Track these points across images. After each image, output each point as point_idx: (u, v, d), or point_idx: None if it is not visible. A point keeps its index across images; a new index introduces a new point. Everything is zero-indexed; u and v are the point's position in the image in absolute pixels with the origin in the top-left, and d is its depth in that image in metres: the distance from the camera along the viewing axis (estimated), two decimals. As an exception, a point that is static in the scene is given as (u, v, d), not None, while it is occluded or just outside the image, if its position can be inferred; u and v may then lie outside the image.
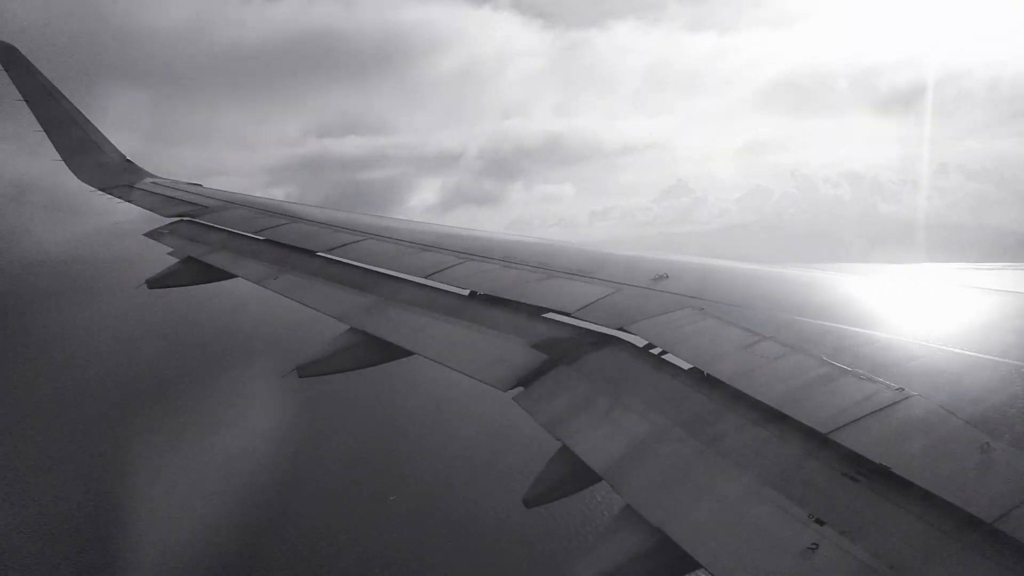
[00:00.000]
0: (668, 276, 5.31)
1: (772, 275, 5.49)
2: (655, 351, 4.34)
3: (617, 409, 3.85)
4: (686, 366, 4.06)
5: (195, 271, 8.24)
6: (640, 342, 4.44)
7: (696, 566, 2.81)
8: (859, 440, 2.93)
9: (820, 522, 2.66)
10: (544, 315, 5.21)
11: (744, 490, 2.97)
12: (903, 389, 3.19)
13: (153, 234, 9.56)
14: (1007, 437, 2.75)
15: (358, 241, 7.62)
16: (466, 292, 5.90)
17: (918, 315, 4.52)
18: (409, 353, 5.31)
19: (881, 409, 3.08)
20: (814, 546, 2.56)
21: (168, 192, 11.28)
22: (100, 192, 11.62)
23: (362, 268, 6.94)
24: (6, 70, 12.70)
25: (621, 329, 4.59)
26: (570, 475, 3.76)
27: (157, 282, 8.30)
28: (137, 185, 11.85)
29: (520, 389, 4.32)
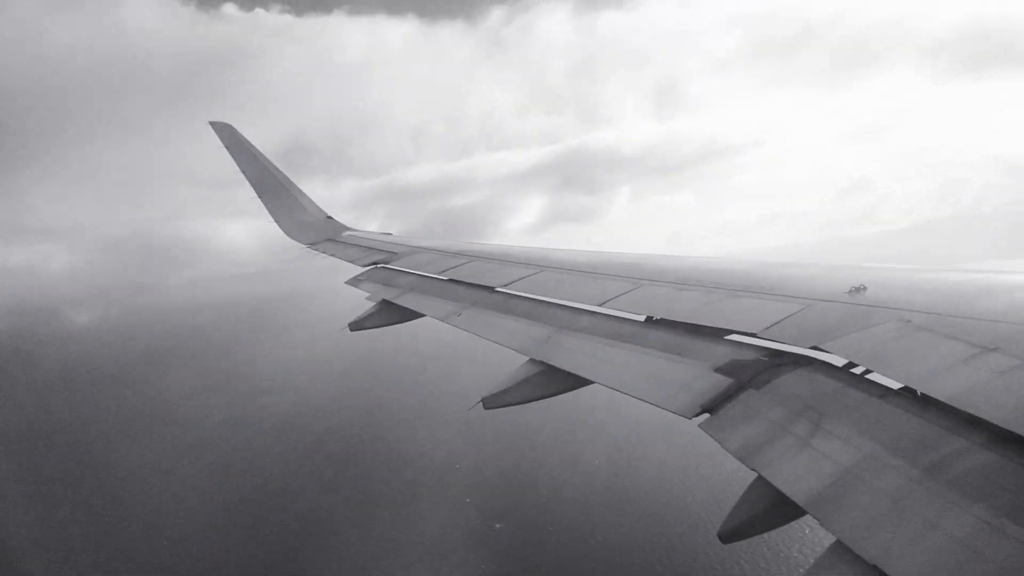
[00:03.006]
0: (866, 288, 4.86)
1: (991, 279, 4.81)
2: (857, 370, 3.98)
3: (818, 435, 3.55)
4: (895, 385, 3.67)
5: (389, 313, 9.00)
6: (838, 361, 4.09)
7: None
8: None
9: None
10: (727, 337, 5.00)
11: (977, 523, 2.60)
12: None
13: (352, 281, 10.64)
14: None
15: (533, 274, 7.86)
16: (642, 318, 5.83)
17: None
18: (588, 382, 5.34)
19: None
20: None
21: (363, 243, 12.49)
22: (308, 248, 13.16)
23: (538, 300, 7.13)
24: (225, 147, 14.75)
25: (815, 348, 4.26)
26: (769, 509, 3.53)
27: (357, 325, 9.18)
28: (338, 239, 13.24)
29: (706, 416, 4.16)
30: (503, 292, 7.79)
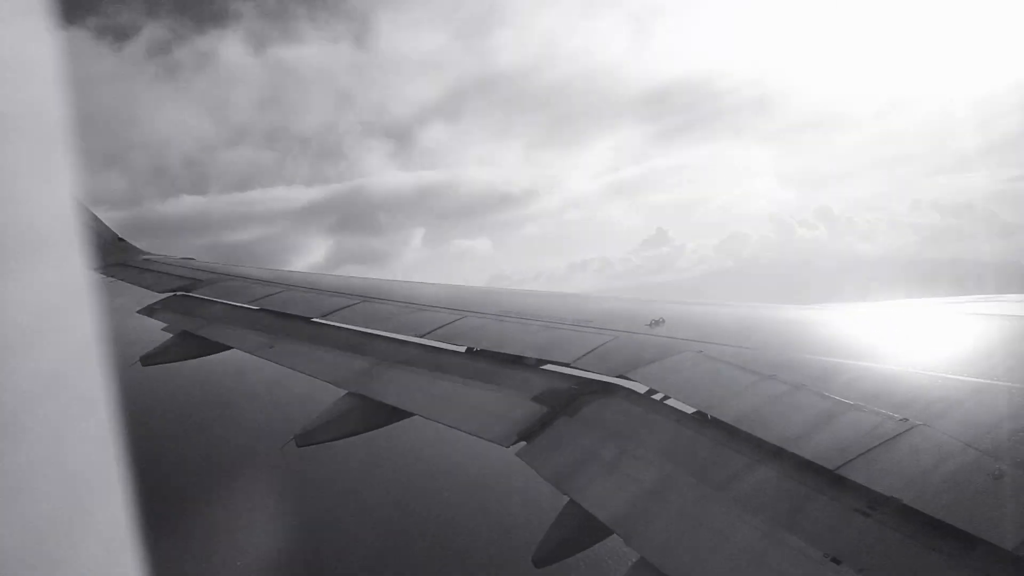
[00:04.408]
0: (664, 321, 5.32)
1: (769, 315, 5.51)
2: (657, 396, 4.31)
3: (623, 459, 3.79)
4: (689, 410, 4.03)
5: (190, 345, 8.19)
6: (641, 388, 4.42)
7: None
8: (868, 474, 2.89)
9: (836, 561, 2.60)
10: (543, 367, 5.19)
11: (758, 533, 2.90)
12: (907, 419, 3.17)
13: (147, 310, 9.55)
14: (1020, 461, 2.72)
15: (353, 304, 7.63)
16: (463, 349, 5.89)
17: (913, 345, 4.53)
18: (409, 415, 5.26)
19: (887, 441, 3.05)
20: None
21: (161, 268, 11.34)
22: (93, 272, 11.67)
23: (359, 331, 6.93)
24: None
25: (621, 377, 4.56)
26: (580, 530, 3.68)
27: (151, 359, 8.22)
28: (130, 263, 11.92)
29: (523, 444, 4.27)
30: (321, 323, 7.47)
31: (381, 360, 6.13)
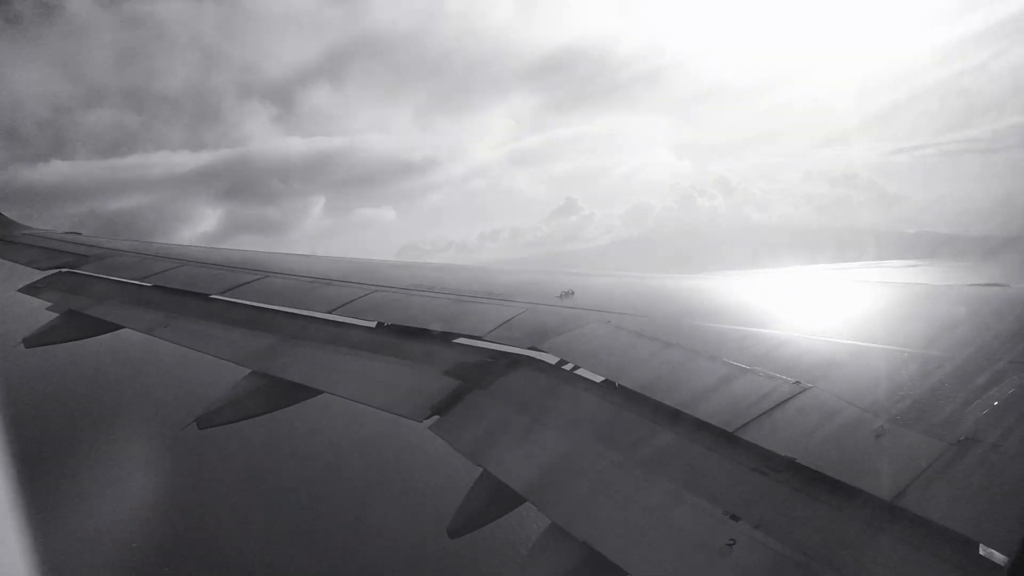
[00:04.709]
0: (574, 292, 5.42)
1: (671, 285, 5.72)
2: (567, 367, 4.40)
3: (535, 428, 3.85)
4: (598, 379, 4.13)
5: (77, 325, 7.64)
6: (552, 359, 4.49)
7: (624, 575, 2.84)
8: (763, 435, 3.07)
9: (735, 518, 2.76)
10: (455, 340, 5.18)
11: (662, 495, 3.03)
12: (799, 382, 3.38)
13: (29, 289, 8.82)
14: (898, 419, 2.96)
15: (257, 280, 7.32)
16: (373, 324, 5.79)
17: (806, 312, 4.83)
18: (317, 392, 5.13)
19: (781, 404, 3.25)
20: (731, 542, 2.65)
21: (45, 244, 10.49)
22: None
23: (263, 308, 6.66)
24: None
25: (533, 348, 4.62)
26: (494, 500, 3.72)
27: (35, 340, 7.63)
28: (9, 238, 10.96)
29: (437, 418, 4.26)
30: (221, 300, 7.13)
31: (287, 337, 5.93)
